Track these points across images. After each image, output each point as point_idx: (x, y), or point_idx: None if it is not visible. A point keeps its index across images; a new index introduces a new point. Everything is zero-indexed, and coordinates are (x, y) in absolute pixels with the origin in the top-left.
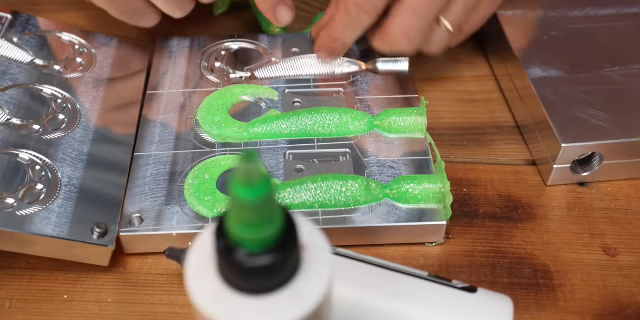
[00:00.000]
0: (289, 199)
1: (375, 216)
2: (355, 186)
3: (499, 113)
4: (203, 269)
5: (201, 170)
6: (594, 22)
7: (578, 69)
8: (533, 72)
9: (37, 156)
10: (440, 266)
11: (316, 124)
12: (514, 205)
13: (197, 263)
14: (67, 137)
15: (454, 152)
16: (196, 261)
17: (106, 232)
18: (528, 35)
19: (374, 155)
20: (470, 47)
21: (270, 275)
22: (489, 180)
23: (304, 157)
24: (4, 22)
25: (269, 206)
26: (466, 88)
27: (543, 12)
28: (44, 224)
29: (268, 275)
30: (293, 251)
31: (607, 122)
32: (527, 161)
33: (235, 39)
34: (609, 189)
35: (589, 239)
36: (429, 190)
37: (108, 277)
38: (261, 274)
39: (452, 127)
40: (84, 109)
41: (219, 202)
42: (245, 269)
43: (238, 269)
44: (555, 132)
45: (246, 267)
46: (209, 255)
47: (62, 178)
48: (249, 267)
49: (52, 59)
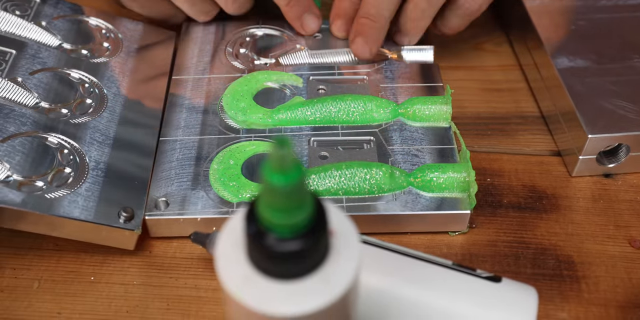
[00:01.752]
0: (314, 185)
1: (399, 204)
2: (379, 174)
3: (523, 103)
4: (233, 253)
5: (226, 156)
6: (622, 11)
7: (605, 59)
8: (560, 62)
9: (66, 140)
10: (463, 255)
11: (340, 111)
12: (538, 196)
13: (226, 247)
14: (94, 121)
15: (477, 141)
16: (226, 245)
17: (132, 217)
18: (555, 25)
19: (398, 143)
20: (495, 36)
21: (300, 261)
22: (513, 171)
23: (328, 144)
24: (32, 6)
25: (300, 192)
26: (491, 77)
27: (570, 1)
28: (71, 207)
29: (297, 260)
30: (322, 237)
31: (635, 113)
32: (552, 152)
33: (260, 25)
34: (634, 181)
35: (614, 230)
36: (453, 179)
37: (133, 260)
38: (291, 259)
39: (476, 117)
40: (110, 94)
41: (244, 187)
42: (275, 253)
43: (268, 253)
44: (582, 122)
45: (276, 252)
46: (238, 239)
47: (90, 162)
48: (279, 252)
49: (79, 43)
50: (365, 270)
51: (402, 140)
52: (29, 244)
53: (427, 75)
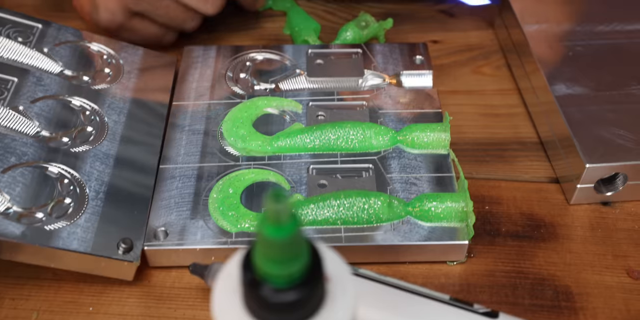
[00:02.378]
0: (312, 215)
1: (397, 234)
2: (377, 203)
3: (522, 128)
4: (229, 299)
5: (225, 184)
6: (620, 37)
7: (604, 86)
8: (558, 89)
9: (66, 169)
10: (461, 285)
11: (339, 138)
12: (536, 224)
13: (223, 293)
14: (94, 149)
15: (476, 168)
16: (222, 292)
17: (131, 247)
18: (553, 50)
19: (396, 171)
20: (494, 59)
21: (296, 310)
22: (511, 198)
23: (327, 172)
24: (35, 32)
25: (296, 243)
26: (489, 102)
27: (569, 26)
28: (70, 239)
29: (293, 310)
30: (318, 285)
31: (633, 142)
32: (550, 179)
33: (260, 49)
34: (633, 209)
35: (612, 260)
36: (451, 208)
37: (132, 290)
38: (287, 309)
39: (475, 142)
40: (110, 121)
41: (243, 217)
42: (270, 304)
43: (264, 303)
44: (579, 151)
45: (272, 303)
46: (235, 285)
47: (90, 192)
48: (275, 303)
49: (80, 69)
50: (362, 305)
51: (401, 168)
52: (27, 274)
53: (426, 101)
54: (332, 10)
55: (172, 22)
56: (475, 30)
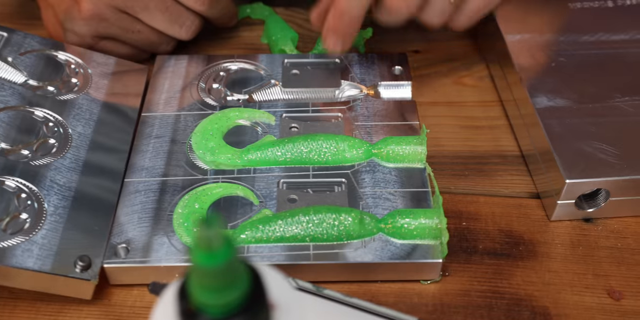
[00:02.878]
0: (280, 232)
1: (369, 252)
2: (348, 220)
3: (503, 141)
4: None
5: (191, 199)
6: (605, 48)
7: (586, 98)
8: (539, 101)
9: (24, 183)
10: (434, 305)
11: (312, 151)
12: (515, 242)
13: None
14: (56, 162)
15: (454, 182)
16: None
17: (89, 265)
18: (535, 61)
19: (370, 186)
20: (476, 70)
21: None
22: (490, 214)
23: (297, 187)
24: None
25: (231, 271)
26: (470, 113)
27: (552, 36)
28: (25, 257)
29: None
30: (260, 314)
31: (615, 156)
32: (531, 194)
33: (235, 59)
34: (615, 226)
35: (593, 280)
36: (425, 225)
37: (91, 309)
38: None
39: (454, 155)
40: (75, 133)
41: None
42: None
43: None
44: (560, 166)
45: None
46: (172, 315)
47: (48, 207)
48: None
49: (46, 79)
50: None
51: (375, 182)
52: None
53: (404, 113)
54: None
55: (145, 46)
56: (458, 40)
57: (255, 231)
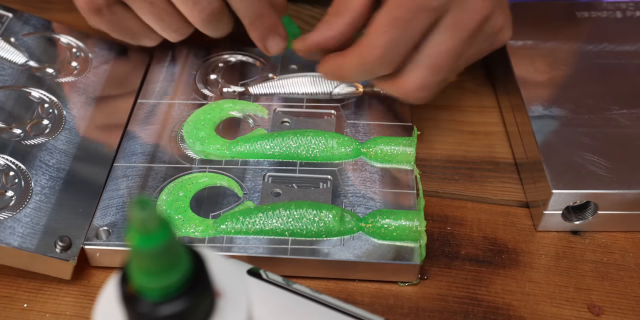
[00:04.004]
0: (260, 224)
1: (346, 250)
2: (329, 217)
3: (498, 148)
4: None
5: (176, 187)
6: (608, 58)
7: (583, 109)
8: (534, 109)
9: (13, 161)
10: (410, 308)
11: (300, 146)
12: (499, 249)
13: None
14: (48, 143)
15: (443, 186)
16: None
17: (69, 246)
18: (535, 68)
19: (355, 184)
20: (477, 75)
21: None
22: (476, 220)
23: (283, 181)
24: (4, 21)
25: (169, 253)
26: (467, 118)
27: (555, 44)
28: (6, 233)
29: None
30: (201, 300)
31: (605, 169)
32: (520, 202)
33: (235, 51)
34: (603, 240)
35: (574, 293)
36: (405, 227)
37: (70, 289)
38: None
39: (446, 159)
40: (70, 116)
41: (189, 221)
42: (146, 318)
43: (139, 317)
44: (547, 175)
45: (147, 317)
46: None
47: (35, 187)
48: (150, 317)
49: (46, 61)
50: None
51: (361, 181)
52: None
53: (398, 114)
54: (318, 15)
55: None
56: None
57: (236, 222)
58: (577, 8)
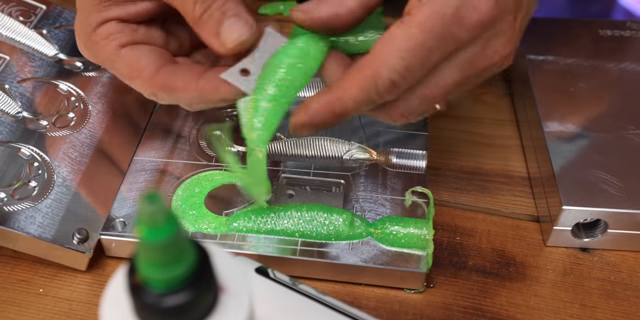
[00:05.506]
0: (271, 224)
1: (354, 254)
2: (339, 220)
3: (513, 161)
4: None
5: (193, 183)
6: (627, 77)
7: (599, 127)
8: (550, 124)
9: (38, 152)
10: (414, 315)
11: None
12: (506, 262)
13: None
14: (72, 136)
15: (455, 196)
16: (113, 296)
17: (87, 238)
18: (554, 84)
19: (367, 190)
20: (498, 88)
21: (177, 316)
22: (486, 232)
23: (297, 183)
24: (37, 13)
25: (176, 247)
26: (484, 130)
27: (576, 61)
28: (27, 223)
29: (174, 315)
30: (204, 293)
31: (617, 188)
32: (531, 217)
33: None
34: (612, 259)
35: (579, 310)
36: (413, 235)
37: (85, 277)
38: (167, 314)
39: (460, 170)
40: (94, 110)
41: (202, 217)
42: (151, 308)
43: (146, 307)
44: (559, 191)
45: (152, 307)
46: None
47: (57, 178)
48: (155, 307)
49: (75, 54)
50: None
51: (373, 187)
52: None
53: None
54: None
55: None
56: None
57: (248, 221)
58: (600, 26)
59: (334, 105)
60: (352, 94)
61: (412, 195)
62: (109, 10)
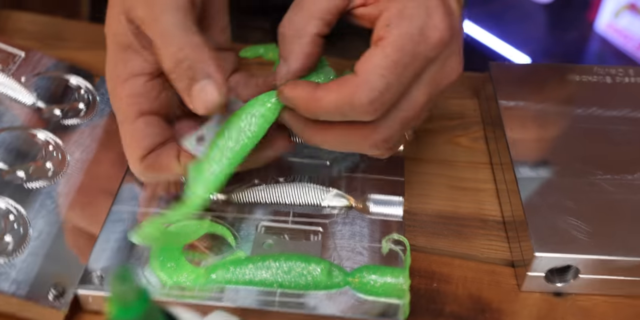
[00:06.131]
0: (249, 275)
1: (333, 305)
2: (317, 270)
3: (487, 205)
4: None
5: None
6: (595, 123)
7: (569, 172)
8: (522, 170)
9: (14, 205)
10: None
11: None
12: (482, 308)
13: None
14: (49, 187)
15: (432, 241)
16: None
17: (63, 293)
18: (526, 129)
19: (345, 238)
20: (473, 130)
21: None
22: (462, 278)
23: (275, 232)
24: (16, 60)
25: None
26: (460, 174)
27: (546, 106)
28: (1, 279)
29: None
30: None
31: (587, 234)
32: (506, 261)
33: None
34: (584, 304)
35: None
36: (390, 284)
37: None
38: None
39: (436, 215)
40: (72, 159)
41: (180, 269)
42: None
43: None
44: (531, 238)
45: None
46: None
47: (33, 232)
48: None
49: (54, 102)
50: None
51: (351, 235)
52: None
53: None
54: None
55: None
56: (459, 99)
57: (226, 272)
58: (569, 71)
59: (309, 104)
60: (328, 101)
61: (389, 243)
62: (134, 63)
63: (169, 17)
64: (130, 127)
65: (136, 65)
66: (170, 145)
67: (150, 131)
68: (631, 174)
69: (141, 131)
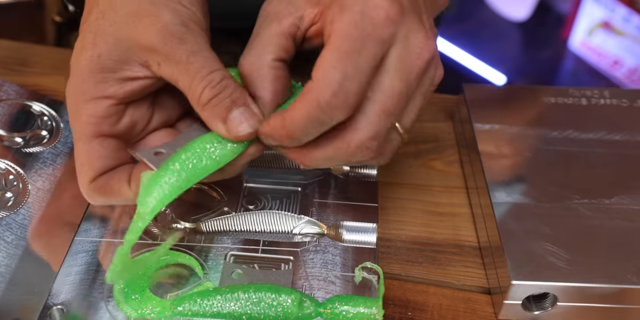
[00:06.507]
0: (217, 307)
1: None
2: (287, 301)
3: (463, 230)
4: None
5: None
6: (571, 146)
7: (545, 197)
8: (498, 195)
9: None
10: None
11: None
12: None
13: None
14: (8, 218)
15: (407, 268)
16: None
17: None
18: (501, 152)
19: (317, 267)
20: (447, 154)
21: None
22: (437, 306)
23: (245, 261)
24: None
25: None
26: (434, 199)
27: (521, 129)
28: None
29: None
30: None
31: (564, 261)
32: (482, 289)
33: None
34: None
35: None
36: (363, 314)
37: None
38: None
39: (412, 241)
40: (34, 188)
41: (145, 302)
42: None
43: None
44: (508, 266)
45: None
46: None
47: None
48: None
49: (15, 129)
50: None
51: (323, 263)
52: None
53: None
54: None
55: None
56: (433, 122)
57: (193, 304)
58: (545, 93)
59: (284, 128)
60: (299, 114)
61: (362, 271)
62: (107, 86)
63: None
64: (86, 146)
65: (108, 88)
66: (123, 168)
67: (105, 153)
68: (608, 198)
69: (96, 152)
